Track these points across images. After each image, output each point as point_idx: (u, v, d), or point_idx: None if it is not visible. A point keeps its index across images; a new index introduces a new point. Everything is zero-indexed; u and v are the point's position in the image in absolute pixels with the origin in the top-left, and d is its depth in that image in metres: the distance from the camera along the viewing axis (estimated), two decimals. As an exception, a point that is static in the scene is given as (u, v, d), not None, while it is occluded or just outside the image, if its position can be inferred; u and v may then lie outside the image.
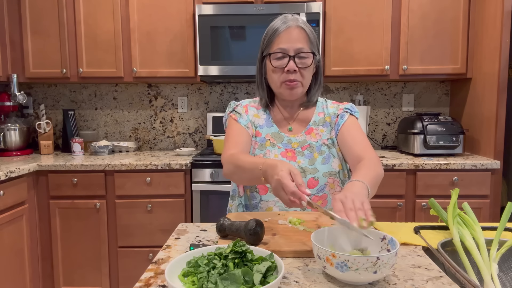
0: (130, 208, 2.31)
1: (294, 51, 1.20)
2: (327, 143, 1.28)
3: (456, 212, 0.95)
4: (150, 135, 2.97)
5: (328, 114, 1.32)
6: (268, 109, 1.34)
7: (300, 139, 1.29)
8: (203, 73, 2.46)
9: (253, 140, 1.29)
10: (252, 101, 1.38)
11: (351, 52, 2.50)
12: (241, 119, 1.30)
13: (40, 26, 2.54)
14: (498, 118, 2.25)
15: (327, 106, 1.35)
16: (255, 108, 1.35)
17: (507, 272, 0.91)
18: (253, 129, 1.30)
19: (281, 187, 0.90)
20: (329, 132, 1.30)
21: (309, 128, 1.30)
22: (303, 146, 1.27)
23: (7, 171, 1.98)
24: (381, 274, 0.70)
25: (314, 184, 1.21)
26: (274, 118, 1.33)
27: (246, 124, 1.29)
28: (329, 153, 1.26)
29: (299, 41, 1.20)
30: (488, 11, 2.32)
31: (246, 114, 1.32)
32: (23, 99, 2.58)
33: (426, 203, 2.24)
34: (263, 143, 1.28)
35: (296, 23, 1.21)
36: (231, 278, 0.66)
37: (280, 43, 1.20)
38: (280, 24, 1.22)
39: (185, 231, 1.08)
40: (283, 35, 1.20)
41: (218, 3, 2.44)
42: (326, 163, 1.24)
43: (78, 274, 2.36)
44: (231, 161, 1.15)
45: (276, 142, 1.28)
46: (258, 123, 1.31)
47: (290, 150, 1.27)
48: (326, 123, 1.31)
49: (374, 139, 2.93)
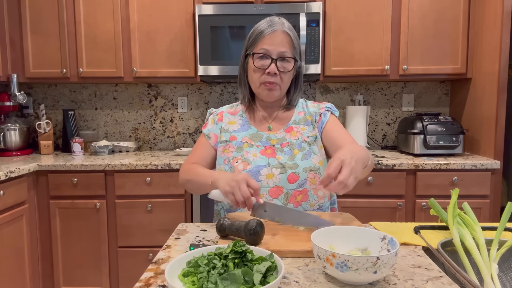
0: (130, 208, 2.31)
1: (277, 54, 1.23)
2: (308, 141, 1.29)
3: (456, 212, 0.95)
4: (150, 135, 2.97)
5: (309, 113, 1.35)
6: (247, 110, 1.38)
7: (279, 136, 1.31)
8: (203, 73, 2.46)
9: (227, 144, 1.31)
10: (229, 107, 1.42)
11: (351, 52, 2.50)
12: (206, 130, 1.37)
13: (40, 26, 2.54)
14: (498, 118, 2.25)
15: (307, 105, 1.38)
16: (231, 114, 1.39)
17: (507, 272, 0.91)
18: (218, 136, 1.35)
19: (238, 188, 1.01)
20: (311, 130, 1.32)
21: (289, 126, 1.33)
22: (282, 143, 1.29)
23: (7, 171, 1.98)
24: (381, 274, 0.70)
25: (294, 179, 1.22)
26: (253, 118, 1.36)
27: (208, 133, 1.36)
28: (310, 149, 1.27)
29: (283, 45, 1.23)
30: (488, 11, 2.32)
31: (217, 122, 1.37)
32: (23, 99, 2.59)
33: (426, 203, 2.24)
34: (240, 146, 1.29)
35: (282, 27, 1.24)
36: (231, 278, 0.66)
37: (264, 45, 1.23)
38: (266, 27, 1.24)
39: (185, 231, 1.08)
40: (268, 37, 1.23)
41: (218, 3, 2.44)
42: (306, 159, 1.25)
43: (78, 274, 2.36)
44: (185, 176, 1.28)
45: (254, 142, 1.30)
46: (232, 129, 1.34)
47: (269, 147, 1.28)
48: (307, 122, 1.33)
49: (374, 139, 2.93)
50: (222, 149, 1.32)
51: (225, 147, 1.31)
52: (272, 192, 1.22)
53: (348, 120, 2.66)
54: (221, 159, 1.31)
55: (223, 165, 1.29)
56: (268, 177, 1.22)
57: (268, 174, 1.22)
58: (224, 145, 1.32)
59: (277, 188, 1.22)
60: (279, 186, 1.22)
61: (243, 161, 1.25)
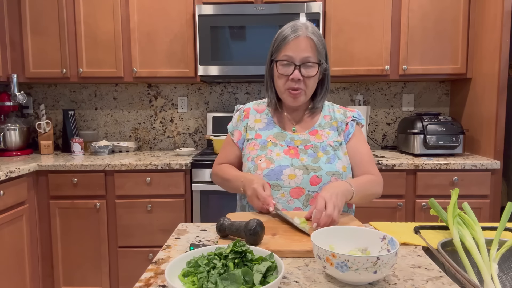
0: (130, 208, 2.31)
1: (300, 60, 1.23)
2: (333, 145, 1.29)
3: (456, 212, 0.95)
4: (150, 135, 2.97)
5: (335, 118, 1.35)
6: (273, 112, 1.38)
7: (303, 137, 1.31)
8: (203, 73, 2.46)
9: (252, 142, 1.32)
10: (257, 103, 1.42)
11: (351, 52, 2.50)
12: (230, 127, 1.43)
13: (40, 26, 2.54)
14: (498, 118, 2.25)
15: (333, 110, 1.38)
16: (257, 111, 1.39)
17: (507, 272, 0.91)
18: (243, 133, 1.37)
19: (255, 195, 1.14)
20: (336, 135, 1.32)
21: (314, 129, 1.33)
22: (306, 145, 1.29)
23: (7, 171, 1.98)
24: (381, 274, 0.70)
25: (317, 182, 1.22)
26: (278, 119, 1.37)
27: (231, 131, 1.41)
28: (334, 154, 1.27)
29: (306, 50, 1.23)
30: (488, 11, 2.32)
31: (243, 119, 1.38)
32: (23, 99, 2.59)
33: (426, 203, 2.24)
34: (264, 145, 1.30)
35: (305, 33, 1.24)
36: (231, 278, 0.66)
37: (287, 51, 1.23)
38: (290, 33, 1.24)
39: (185, 231, 1.08)
40: (292, 44, 1.23)
41: (218, 3, 2.44)
42: (331, 163, 1.25)
43: (78, 274, 2.36)
44: (219, 173, 1.36)
45: (278, 141, 1.30)
46: (258, 127, 1.35)
47: (293, 148, 1.28)
48: (333, 127, 1.34)
49: (374, 139, 2.93)
50: (247, 146, 1.33)
51: (250, 145, 1.32)
52: (293, 193, 1.22)
53: (348, 120, 2.66)
54: (245, 156, 1.33)
55: (248, 162, 1.30)
56: (290, 177, 1.22)
57: (290, 174, 1.22)
58: (249, 143, 1.33)
59: (298, 189, 1.22)
60: (301, 187, 1.22)
61: (267, 160, 1.25)
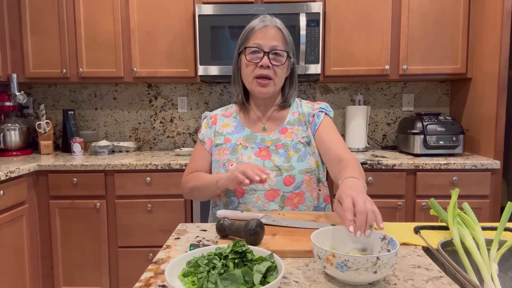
0: (130, 208, 2.31)
1: (269, 48, 1.23)
2: (303, 142, 1.28)
3: (456, 212, 0.95)
4: (150, 135, 2.97)
5: (303, 113, 1.34)
6: (241, 111, 1.36)
7: (273, 137, 1.29)
8: (203, 73, 2.46)
9: (222, 146, 1.30)
10: (224, 109, 1.41)
11: (351, 52, 2.50)
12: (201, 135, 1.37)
13: (40, 26, 2.54)
14: (498, 118, 2.25)
15: (301, 105, 1.37)
16: (225, 116, 1.38)
17: (507, 272, 0.91)
18: (213, 139, 1.34)
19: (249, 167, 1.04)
20: (304, 131, 1.30)
21: (284, 127, 1.31)
22: (277, 144, 1.27)
23: (7, 171, 1.98)
24: (381, 274, 0.70)
25: (290, 182, 1.21)
26: (247, 118, 1.34)
27: (202, 138, 1.36)
28: (305, 151, 1.26)
29: (275, 39, 1.24)
30: (488, 11, 2.32)
31: (211, 126, 1.36)
32: (23, 99, 2.59)
33: (426, 203, 2.24)
34: (234, 148, 1.28)
35: (273, 23, 1.25)
36: (231, 278, 0.66)
37: (256, 39, 1.24)
38: (258, 23, 1.25)
39: (185, 231, 1.08)
40: (260, 32, 1.24)
41: (218, 3, 2.44)
42: (302, 161, 1.24)
43: (78, 274, 2.36)
44: (188, 184, 1.29)
45: (248, 144, 1.28)
46: (226, 131, 1.33)
47: (264, 149, 1.27)
48: (301, 122, 1.32)
49: (374, 139, 2.93)
50: (217, 152, 1.30)
51: (220, 150, 1.30)
52: (268, 195, 1.21)
53: (348, 120, 2.66)
54: (216, 162, 1.29)
55: (219, 169, 1.27)
56: None
57: None
58: (219, 148, 1.30)
59: (273, 191, 1.21)
60: (275, 189, 1.21)
61: (238, 164, 1.23)
